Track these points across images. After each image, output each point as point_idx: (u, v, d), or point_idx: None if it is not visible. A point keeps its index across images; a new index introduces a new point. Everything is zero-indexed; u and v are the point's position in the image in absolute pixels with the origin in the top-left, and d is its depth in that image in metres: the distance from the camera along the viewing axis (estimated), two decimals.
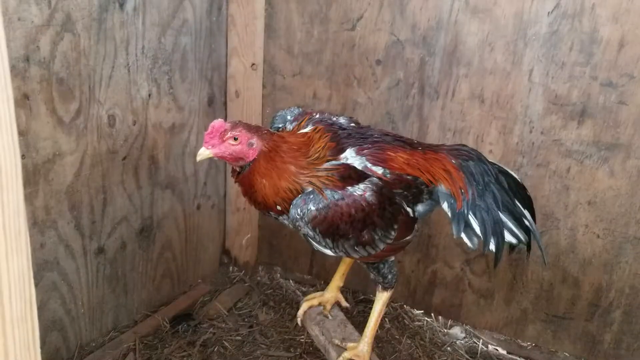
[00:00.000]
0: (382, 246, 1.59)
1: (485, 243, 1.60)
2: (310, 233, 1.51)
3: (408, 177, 1.59)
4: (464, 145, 1.75)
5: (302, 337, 2.34)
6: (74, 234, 1.98)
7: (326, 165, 1.53)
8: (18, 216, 0.52)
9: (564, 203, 2.13)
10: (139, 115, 2.11)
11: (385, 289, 1.77)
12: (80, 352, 2.12)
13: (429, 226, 2.38)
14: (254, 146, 1.48)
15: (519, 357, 2.32)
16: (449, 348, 2.36)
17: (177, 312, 2.43)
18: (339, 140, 1.59)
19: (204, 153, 1.48)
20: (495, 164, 1.72)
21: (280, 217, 1.57)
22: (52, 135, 1.82)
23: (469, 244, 1.61)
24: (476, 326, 2.43)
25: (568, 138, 2.05)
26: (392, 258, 1.74)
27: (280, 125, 1.75)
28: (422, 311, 2.52)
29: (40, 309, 1.94)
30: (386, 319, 2.47)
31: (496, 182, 1.65)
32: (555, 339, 2.30)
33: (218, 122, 1.46)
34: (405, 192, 1.59)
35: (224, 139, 1.46)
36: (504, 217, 1.63)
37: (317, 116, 1.71)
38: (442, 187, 1.64)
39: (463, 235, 1.61)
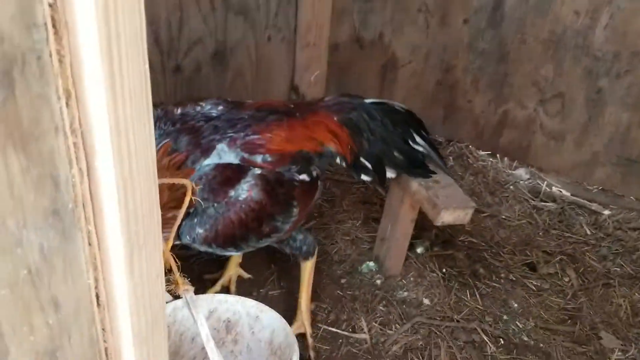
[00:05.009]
0: (288, 227, 1.53)
1: (381, 181, 1.70)
2: (210, 250, 1.45)
3: (292, 152, 1.50)
4: (344, 95, 1.69)
5: None
6: (153, 49, 2.04)
7: (199, 172, 1.39)
8: None
9: None
10: None
11: (305, 258, 1.71)
12: None
13: (506, 64, 2.30)
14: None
15: (583, 199, 2.33)
16: (511, 187, 2.38)
17: None
18: (201, 140, 1.43)
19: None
20: (378, 103, 1.70)
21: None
22: None
23: (368, 179, 1.69)
24: (542, 169, 2.43)
25: None
26: (301, 235, 1.67)
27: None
28: (489, 152, 2.52)
29: None
30: (450, 157, 2.50)
31: (382, 125, 1.66)
32: (624, 183, 2.28)
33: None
34: (292, 166, 1.50)
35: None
36: (397, 154, 1.69)
37: (179, 112, 1.51)
38: (331, 148, 1.59)
39: (363, 177, 1.68)
